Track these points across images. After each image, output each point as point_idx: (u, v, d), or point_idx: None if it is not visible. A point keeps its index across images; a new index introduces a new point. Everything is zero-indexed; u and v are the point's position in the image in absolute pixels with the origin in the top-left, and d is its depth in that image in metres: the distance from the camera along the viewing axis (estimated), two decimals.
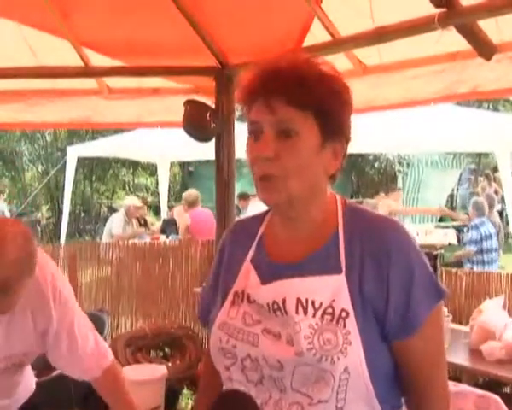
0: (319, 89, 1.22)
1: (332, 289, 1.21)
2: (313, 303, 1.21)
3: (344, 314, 1.18)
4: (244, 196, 9.02)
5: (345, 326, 1.18)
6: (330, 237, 1.27)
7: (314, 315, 1.20)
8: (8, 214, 12.09)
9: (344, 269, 1.22)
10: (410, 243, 1.25)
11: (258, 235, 1.38)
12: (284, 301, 1.23)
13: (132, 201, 9.36)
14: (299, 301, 1.22)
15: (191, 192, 8.31)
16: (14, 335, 1.87)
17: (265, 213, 1.42)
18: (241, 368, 1.27)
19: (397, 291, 1.20)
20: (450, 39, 2.67)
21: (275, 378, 1.22)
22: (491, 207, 8.30)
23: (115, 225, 8.81)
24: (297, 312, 1.21)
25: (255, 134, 1.24)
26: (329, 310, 1.19)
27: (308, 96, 1.20)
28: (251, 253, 1.35)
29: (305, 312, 1.20)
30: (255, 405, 1.23)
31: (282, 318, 1.23)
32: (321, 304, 1.20)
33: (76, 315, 2.02)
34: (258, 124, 1.23)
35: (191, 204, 7.87)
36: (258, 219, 1.42)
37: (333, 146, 1.26)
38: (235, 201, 10.37)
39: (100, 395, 2.12)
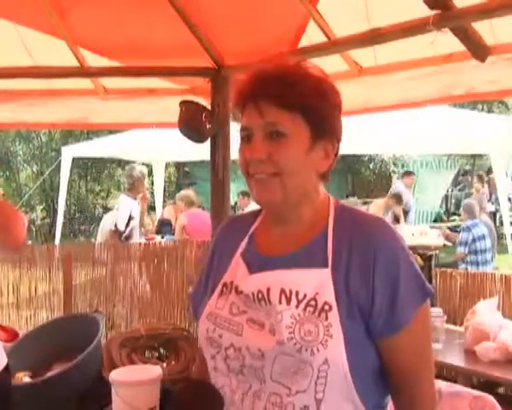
0: (306, 89, 1.25)
1: (317, 282, 1.23)
2: (297, 294, 1.23)
3: (327, 307, 1.20)
4: (246, 194, 9.06)
5: (327, 319, 1.19)
6: (319, 235, 1.29)
7: (297, 306, 1.21)
8: None
9: (330, 264, 1.24)
10: (397, 242, 1.26)
11: (251, 231, 1.40)
12: (268, 290, 1.25)
13: None
14: (282, 291, 1.24)
15: (188, 193, 8.34)
16: None
17: (260, 210, 1.44)
18: (224, 357, 1.29)
19: (382, 290, 1.21)
20: (445, 41, 2.68)
21: (255, 368, 1.24)
22: (480, 208, 8.34)
23: (108, 223, 8.83)
24: (280, 302, 1.23)
25: (247, 139, 1.29)
26: (312, 302, 1.21)
27: (294, 96, 1.24)
28: (242, 247, 1.38)
29: (288, 302, 1.22)
30: (219, 395, 1.27)
31: (265, 307, 1.25)
32: (304, 296, 1.22)
33: None
34: (249, 129, 1.28)
35: (188, 204, 7.91)
36: (253, 215, 1.45)
37: (323, 145, 1.29)
38: (235, 199, 10.39)
39: None
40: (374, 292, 1.21)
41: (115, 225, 7.01)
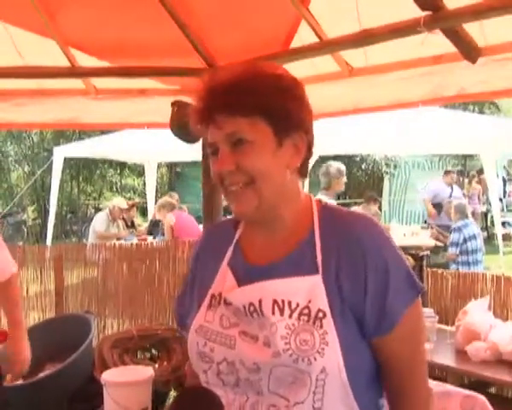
0: (261, 90, 1.23)
1: (308, 289, 1.21)
2: (289, 304, 1.21)
3: (321, 315, 1.19)
4: None
5: (321, 327, 1.18)
6: (306, 237, 1.28)
7: (290, 316, 1.20)
8: None
9: (320, 269, 1.23)
10: (385, 241, 1.25)
11: (235, 238, 1.37)
12: (260, 302, 1.23)
13: (118, 202, 9.34)
14: (275, 302, 1.22)
15: (167, 199, 8.65)
16: None
17: None
18: (217, 372, 1.27)
19: (373, 291, 1.21)
20: (437, 42, 2.68)
21: (251, 381, 1.22)
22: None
23: (98, 222, 8.83)
24: (273, 313, 1.21)
25: (215, 154, 1.27)
26: (306, 311, 1.20)
27: (248, 100, 1.21)
28: (228, 256, 1.35)
29: (282, 312, 1.21)
30: (219, 402, 1.23)
31: (258, 319, 1.23)
32: (297, 305, 1.21)
33: None
34: (214, 144, 1.25)
35: (171, 209, 8.06)
36: (233, 222, 1.42)
37: (292, 141, 1.26)
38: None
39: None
40: (365, 296, 1.21)
41: None
